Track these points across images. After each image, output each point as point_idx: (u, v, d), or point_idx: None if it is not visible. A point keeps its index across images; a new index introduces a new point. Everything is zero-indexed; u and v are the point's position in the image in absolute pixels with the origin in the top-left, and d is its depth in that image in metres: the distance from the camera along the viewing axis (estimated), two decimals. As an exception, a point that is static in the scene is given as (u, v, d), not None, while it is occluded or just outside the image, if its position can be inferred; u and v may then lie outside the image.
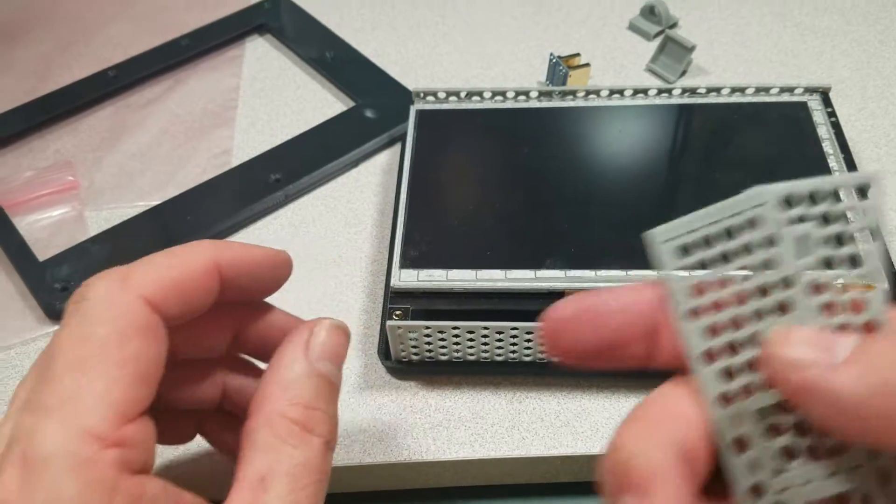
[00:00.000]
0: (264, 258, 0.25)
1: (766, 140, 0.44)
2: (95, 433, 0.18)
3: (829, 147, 0.42)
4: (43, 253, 0.46)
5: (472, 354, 0.39)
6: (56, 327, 0.23)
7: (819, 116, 0.44)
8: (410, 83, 0.55)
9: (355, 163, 0.52)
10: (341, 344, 0.24)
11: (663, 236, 0.18)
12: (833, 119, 0.44)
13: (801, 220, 0.18)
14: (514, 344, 0.38)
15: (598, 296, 0.20)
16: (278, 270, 0.26)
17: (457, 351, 0.39)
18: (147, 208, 0.48)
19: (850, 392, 0.15)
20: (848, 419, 0.15)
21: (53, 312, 0.44)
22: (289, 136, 0.52)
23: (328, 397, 0.23)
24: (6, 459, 0.18)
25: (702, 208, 0.18)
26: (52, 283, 0.44)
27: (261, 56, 0.60)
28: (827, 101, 0.45)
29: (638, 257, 0.38)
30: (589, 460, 0.38)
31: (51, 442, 0.18)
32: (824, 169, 0.41)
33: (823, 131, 0.43)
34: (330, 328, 0.24)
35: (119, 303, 0.20)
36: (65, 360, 0.19)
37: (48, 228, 0.49)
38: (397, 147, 0.52)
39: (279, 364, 0.23)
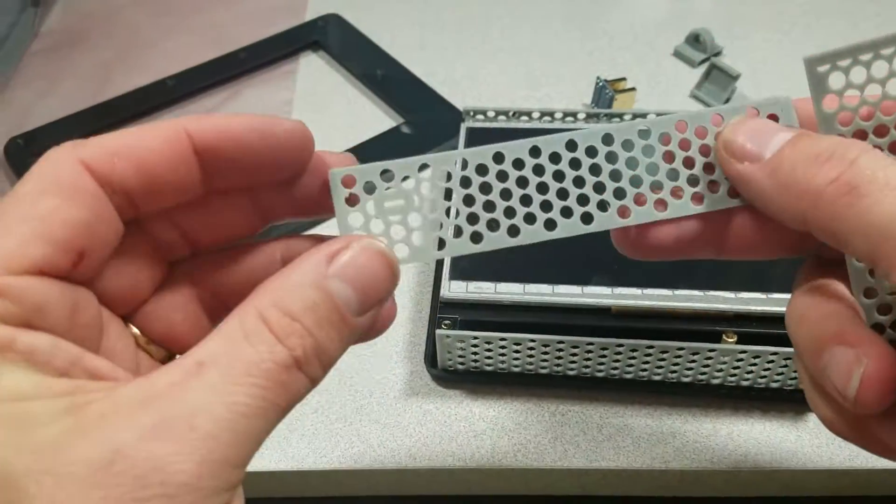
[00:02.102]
0: (251, 128, 0.21)
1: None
2: None
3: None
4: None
5: (517, 366, 0.40)
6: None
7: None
8: (458, 102, 0.57)
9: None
10: (374, 273, 0.20)
11: (819, 62, 0.20)
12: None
13: None
14: (559, 357, 0.39)
15: None
16: (286, 144, 0.21)
17: (502, 362, 0.40)
18: (203, 213, 0.50)
19: (763, 185, 0.20)
20: (766, 204, 0.20)
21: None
22: (340, 149, 0.54)
23: (324, 320, 0.19)
24: None
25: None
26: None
27: (314, 71, 0.62)
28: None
29: (682, 277, 0.39)
30: (630, 475, 0.39)
31: None
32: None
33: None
34: (365, 249, 0.20)
35: (55, 164, 0.19)
36: None
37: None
38: (444, 163, 0.54)
39: (291, 265, 0.20)
